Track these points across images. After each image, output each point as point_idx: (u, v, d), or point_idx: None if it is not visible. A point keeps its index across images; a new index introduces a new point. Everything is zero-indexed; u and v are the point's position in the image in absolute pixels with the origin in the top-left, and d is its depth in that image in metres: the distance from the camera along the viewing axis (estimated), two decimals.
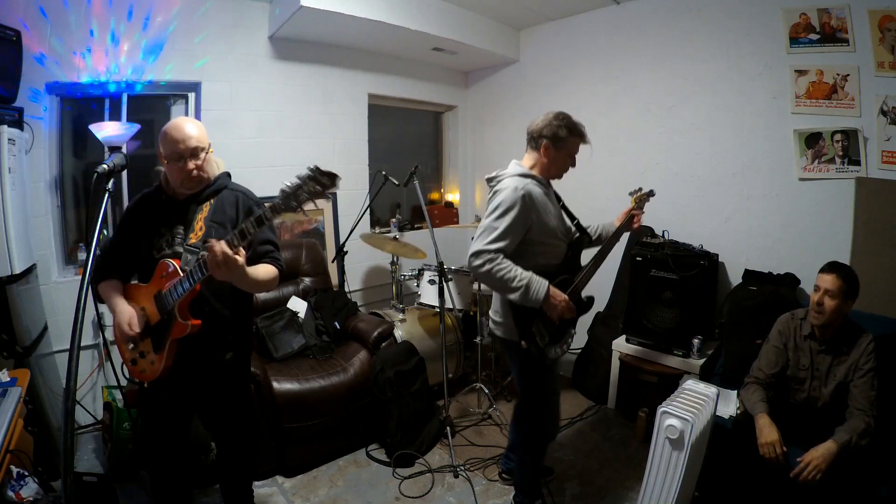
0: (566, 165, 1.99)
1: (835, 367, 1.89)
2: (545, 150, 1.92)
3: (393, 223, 3.93)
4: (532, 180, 1.89)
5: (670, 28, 3.14)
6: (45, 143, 2.55)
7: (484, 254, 1.76)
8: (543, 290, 1.77)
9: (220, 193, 1.62)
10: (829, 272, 1.88)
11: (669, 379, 2.68)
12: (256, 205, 1.62)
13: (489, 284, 1.90)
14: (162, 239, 1.56)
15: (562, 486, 2.37)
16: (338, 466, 2.53)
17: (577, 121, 1.95)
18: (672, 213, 3.19)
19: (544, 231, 1.88)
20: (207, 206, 1.58)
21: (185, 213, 1.58)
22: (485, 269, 1.76)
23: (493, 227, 1.79)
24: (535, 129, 1.95)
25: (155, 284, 1.53)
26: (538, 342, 1.89)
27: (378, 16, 2.99)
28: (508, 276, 1.75)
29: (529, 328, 1.87)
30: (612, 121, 3.49)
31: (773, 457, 1.77)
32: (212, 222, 1.56)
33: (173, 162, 1.50)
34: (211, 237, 1.44)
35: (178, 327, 1.49)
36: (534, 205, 1.83)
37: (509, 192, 1.81)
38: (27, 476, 1.71)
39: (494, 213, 1.81)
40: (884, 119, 2.43)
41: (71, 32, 2.49)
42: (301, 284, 3.11)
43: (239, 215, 1.59)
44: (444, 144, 4.65)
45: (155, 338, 1.54)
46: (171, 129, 1.50)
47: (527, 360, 1.95)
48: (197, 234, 1.54)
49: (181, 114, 3.02)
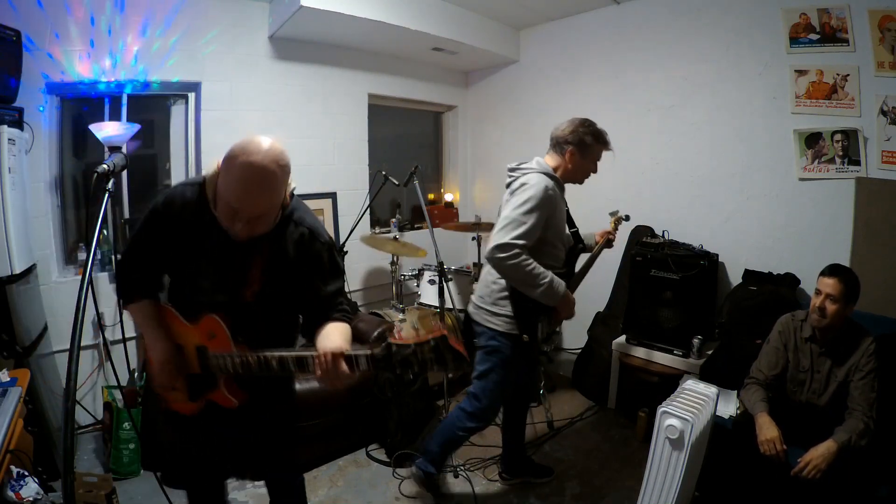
0: (589, 171, 2.05)
1: (835, 368, 1.88)
2: (570, 155, 1.97)
3: (393, 223, 3.93)
4: (555, 182, 1.94)
5: (670, 28, 3.14)
6: (45, 143, 2.55)
7: (510, 247, 1.76)
8: (563, 288, 1.86)
9: (286, 227, 1.27)
10: (830, 276, 1.85)
11: (669, 379, 2.68)
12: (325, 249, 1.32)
13: (510, 277, 1.87)
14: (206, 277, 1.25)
15: (562, 486, 2.37)
16: (338, 466, 2.53)
17: (601, 128, 2.02)
18: (672, 213, 3.19)
19: (555, 234, 1.95)
20: (267, 246, 1.25)
21: (239, 249, 1.23)
22: (511, 262, 1.76)
23: (521, 221, 1.79)
24: (560, 135, 1.99)
25: (199, 334, 1.25)
26: (539, 337, 1.94)
27: (378, 16, 2.99)
28: (535, 272, 1.79)
29: (535, 323, 1.92)
30: (612, 121, 3.42)
31: (773, 454, 1.77)
32: (269, 270, 1.26)
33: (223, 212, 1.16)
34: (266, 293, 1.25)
35: (220, 398, 1.28)
36: (555, 206, 1.90)
37: (540, 190, 1.83)
38: (27, 476, 1.71)
39: (524, 208, 1.80)
40: (884, 119, 2.43)
41: (71, 32, 2.49)
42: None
43: (301, 259, 1.28)
44: (444, 144, 4.65)
45: (192, 384, 1.30)
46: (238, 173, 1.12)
47: (514, 354, 1.97)
48: (251, 287, 1.25)
49: (181, 114, 3.01)
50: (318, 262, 1.31)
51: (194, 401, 1.31)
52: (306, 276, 1.30)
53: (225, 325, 1.22)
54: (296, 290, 1.31)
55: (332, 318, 1.32)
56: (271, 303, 1.29)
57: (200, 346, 1.25)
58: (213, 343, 1.24)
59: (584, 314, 3.54)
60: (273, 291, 1.27)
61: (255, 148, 1.13)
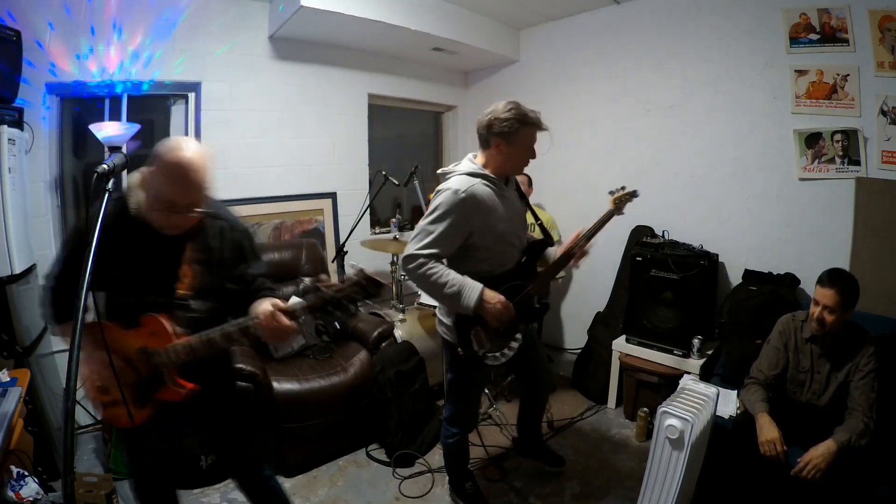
0: (524, 159, 1.85)
1: (835, 369, 1.88)
2: (497, 147, 1.79)
3: (393, 223, 3.93)
4: (481, 180, 1.78)
5: (670, 28, 3.14)
6: (45, 143, 2.55)
7: (414, 258, 1.70)
8: (475, 295, 1.68)
9: (206, 224, 1.38)
10: (828, 287, 1.82)
11: (669, 379, 2.68)
12: (245, 237, 1.45)
13: (420, 287, 1.81)
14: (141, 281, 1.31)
15: (562, 486, 2.37)
16: (338, 466, 2.53)
17: (528, 109, 1.80)
18: (672, 213, 3.19)
19: (489, 235, 1.77)
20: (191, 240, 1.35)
21: (167, 249, 1.32)
22: (417, 272, 1.70)
23: (427, 230, 1.71)
24: (482, 125, 1.80)
25: (140, 337, 1.30)
26: (475, 350, 1.80)
27: (378, 16, 2.99)
28: (440, 281, 1.68)
29: (468, 335, 1.79)
30: (612, 121, 3.49)
31: (773, 454, 1.77)
32: (197, 264, 1.35)
33: (159, 208, 1.25)
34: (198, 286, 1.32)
35: (170, 393, 1.32)
36: (477, 208, 1.72)
37: (449, 195, 1.70)
38: (27, 476, 1.71)
39: (430, 217, 1.73)
40: (884, 119, 2.43)
41: (71, 32, 2.49)
42: (301, 284, 3.11)
43: (224, 251, 1.40)
44: (444, 144, 4.65)
45: (138, 390, 1.31)
46: (174, 166, 1.22)
47: (460, 364, 1.92)
48: (183, 281, 1.32)
49: (181, 114, 3.01)
50: (240, 249, 1.43)
51: (143, 405, 1.32)
52: (232, 264, 1.41)
53: (165, 320, 1.29)
54: (225, 278, 1.40)
55: (260, 297, 1.40)
56: (205, 294, 1.36)
57: (141, 348, 1.30)
58: (155, 340, 1.29)
59: (585, 314, 3.56)
60: (205, 282, 1.35)
61: (183, 145, 1.25)
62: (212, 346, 1.29)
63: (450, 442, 2.11)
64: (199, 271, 1.34)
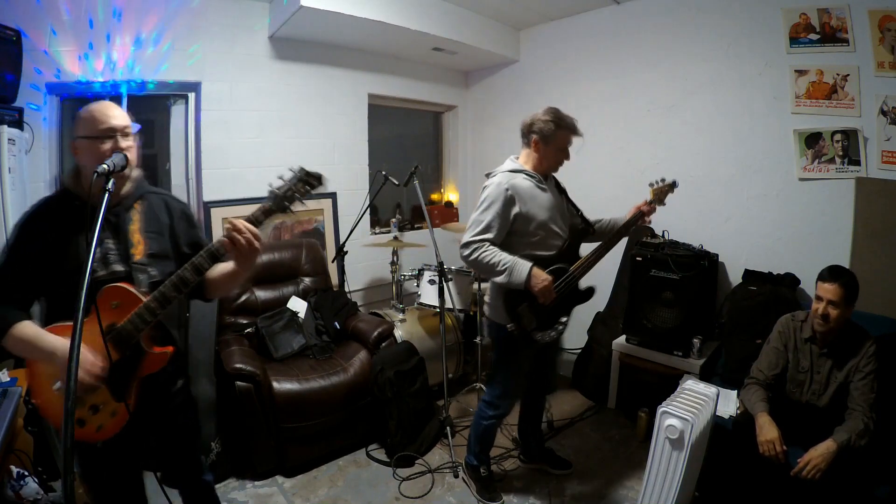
0: (559, 159, 2.09)
1: (835, 369, 1.88)
2: (535, 145, 2.04)
3: (393, 223, 3.93)
4: (522, 175, 2.02)
5: (670, 28, 3.14)
6: (45, 143, 2.54)
7: (471, 244, 1.94)
8: (526, 270, 1.89)
9: (146, 198, 1.40)
10: (831, 281, 1.83)
11: (669, 379, 2.68)
12: (187, 207, 1.52)
13: (478, 270, 2.06)
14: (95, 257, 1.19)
15: (562, 486, 2.38)
16: (338, 466, 2.53)
17: (565, 115, 2.04)
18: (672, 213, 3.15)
19: (532, 223, 1.99)
20: (136, 213, 1.36)
21: (113, 223, 1.31)
22: (472, 256, 1.93)
23: (478, 220, 1.96)
24: (525, 126, 2.08)
25: (105, 316, 1.22)
26: (524, 325, 1.98)
27: (378, 16, 2.99)
28: (493, 260, 1.90)
29: (516, 311, 1.98)
30: (612, 121, 3.48)
31: (773, 454, 1.77)
32: (149, 233, 1.36)
33: (100, 142, 1.25)
34: (154, 251, 1.34)
35: (151, 360, 1.30)
36: (519, 198, 1.96)
37: (493, 188, 1.97)
38: (27, 476, 1.71)
39: (480, 208, 1.98)
40: (884, 119, 2.43)
41: (71, 32, 2.49)
42: (301, 284, 3.11)
43: (173, 220, 1.43)
44: (444, 144, 4.65)
45: (114, 383, 1.26)
46: (94, 107, 1.28)
47: (508, 342, 2.04)
48: (137, 248, 1.32)
49: (181, 114, 3.02)
50: (187, 217, 1.49)
51: (122, 399, 1.27)
52: (184, 231, 1.46)
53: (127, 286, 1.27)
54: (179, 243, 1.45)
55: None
56: (161, 258, 1.38)
57: (111, 327, 1.25)
58: (120, 311, 1.26)
59: (585, 314, 3.56)
60: (158, 247, 1.38)
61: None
62: (184, 285, 1.27)
63: (484, 423, 2.22)
64: (152, 238, 1.37)
